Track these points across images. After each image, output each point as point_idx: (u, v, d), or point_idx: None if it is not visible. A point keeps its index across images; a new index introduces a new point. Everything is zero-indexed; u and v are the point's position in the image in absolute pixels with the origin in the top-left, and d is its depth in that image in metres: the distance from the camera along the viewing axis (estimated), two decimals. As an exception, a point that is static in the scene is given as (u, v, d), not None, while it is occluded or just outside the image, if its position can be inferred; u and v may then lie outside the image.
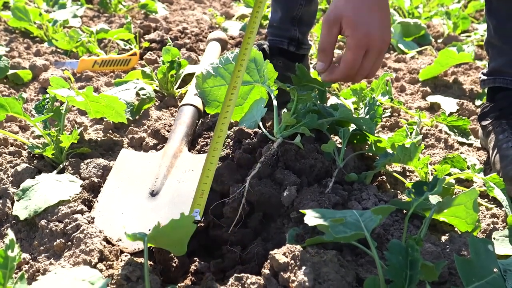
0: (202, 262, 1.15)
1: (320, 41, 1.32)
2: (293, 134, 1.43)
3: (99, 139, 1.70)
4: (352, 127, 1.44)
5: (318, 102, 1.47)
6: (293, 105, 1.39)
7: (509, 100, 1.59)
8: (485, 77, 1.70)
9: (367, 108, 1.52)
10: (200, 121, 1.66)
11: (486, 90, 1.76)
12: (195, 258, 1.17)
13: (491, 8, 1.62)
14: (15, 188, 1.37)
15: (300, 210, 1.03)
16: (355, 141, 1.49)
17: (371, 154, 1.48)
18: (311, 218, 0.97)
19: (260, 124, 1.42)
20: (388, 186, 1.43)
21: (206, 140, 1.51)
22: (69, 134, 1.51)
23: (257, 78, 1.52)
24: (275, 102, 1.43)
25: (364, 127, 1.41)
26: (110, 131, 1.75)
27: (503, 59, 1.63)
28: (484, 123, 1.64)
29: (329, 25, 1.27)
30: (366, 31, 1.22)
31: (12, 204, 1.33)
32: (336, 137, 1.49)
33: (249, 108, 1.54)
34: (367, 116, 1.47)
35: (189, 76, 2.08)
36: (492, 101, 1.67)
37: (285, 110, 1.39)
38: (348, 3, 1.23)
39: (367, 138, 1.46)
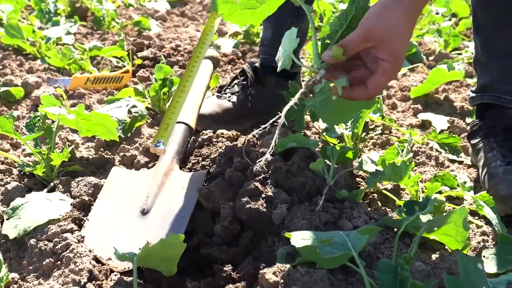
0: (192, 281, 1.14)
1: (346, 38, 1.15)
2: (288, 151, 1.44)
3: (90, 156, 1.69)
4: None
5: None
6: None
7: (497, 118, 1.60)
8: (474, 94, 1.71)
9: None
10: (191, 139, 1.66)
11: (475, 108, 1.77)
12: (185, 277, 1.16)
13: (477, 26, 1.64)
14: (4, 207, 1.36)
15: (286, 234, 1.03)
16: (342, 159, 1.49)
17: (361, 172, 1.49)
18: (298, 240, 0.98)
19: (294, 58, 1.23)
20: (379, 203, 1.43)
21: (197, 158, 1.51)
22: (60, 152, 1.51)
23: None
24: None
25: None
26: (102, 149, 1.74)
27: (490, 75, 1.64)
28: (473, 141, 1.64)
29: (366, 38, 1.12)
30: (401, 63, 1.18)
31: (2, 223, 1.32)
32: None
33: (281, 43, 1.30)
34: None
35: (182, 94, 2.09)
36: (481, 119, 1.68)
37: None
38: (397, 28, 1.12)
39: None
